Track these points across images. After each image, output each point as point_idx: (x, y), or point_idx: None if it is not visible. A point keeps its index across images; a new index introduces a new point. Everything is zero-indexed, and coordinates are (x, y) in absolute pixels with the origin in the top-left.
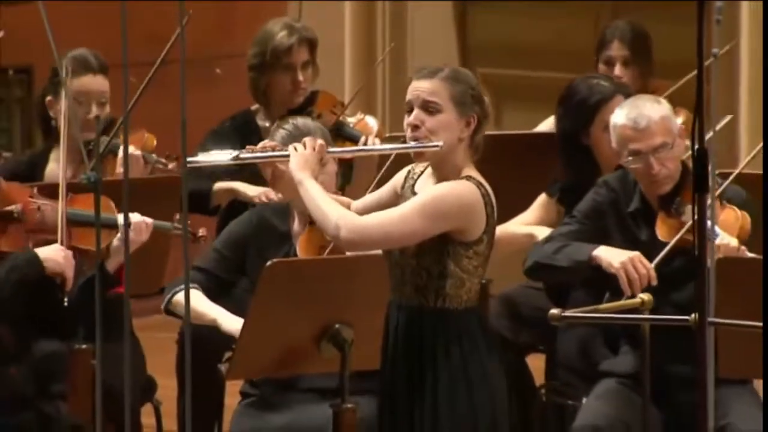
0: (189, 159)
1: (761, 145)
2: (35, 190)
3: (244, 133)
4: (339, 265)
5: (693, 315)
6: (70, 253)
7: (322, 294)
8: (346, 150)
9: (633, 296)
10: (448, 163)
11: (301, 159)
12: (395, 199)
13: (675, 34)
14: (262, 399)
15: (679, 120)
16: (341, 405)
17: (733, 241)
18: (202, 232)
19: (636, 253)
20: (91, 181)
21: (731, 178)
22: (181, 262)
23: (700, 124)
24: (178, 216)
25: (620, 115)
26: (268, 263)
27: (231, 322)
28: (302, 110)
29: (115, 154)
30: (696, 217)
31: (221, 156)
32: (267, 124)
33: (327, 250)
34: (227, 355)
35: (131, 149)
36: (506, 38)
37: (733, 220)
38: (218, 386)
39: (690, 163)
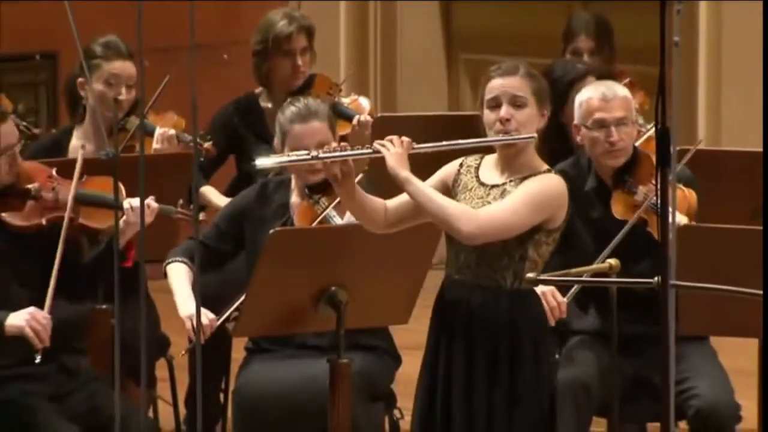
0: (261, 160)
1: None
2: (54, 170)
3: (248, 114)
4: (335, 233)
5: (656, 278)
6: (40, 314)
7: (320, 259)
8: (434, 145)
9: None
10: (524, 153)
11: (397, 158)
12: (444, 191)
13: (639, 23)
14: (266, 354)
15: (636, 100)
16: (337, 360)
17: (684, 219)
18: (202, 216)
19: (550, 288)
20: (109, 157)
21: (687, 157)
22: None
23: (662, 104)
24: (181, 201)
25: (588, 91)
26: (271, 231)
27: (183, 308)
28: (301, 92)
29: (148, 134)
30: (659, 187)
31: (300, 156)
32: (270, 105)
33: (317, 221)
34: (234, 314)
35: (166, 130)
36: (486, 27)
37: (681, 200)
38: (226, 343)
39: (639, 148)
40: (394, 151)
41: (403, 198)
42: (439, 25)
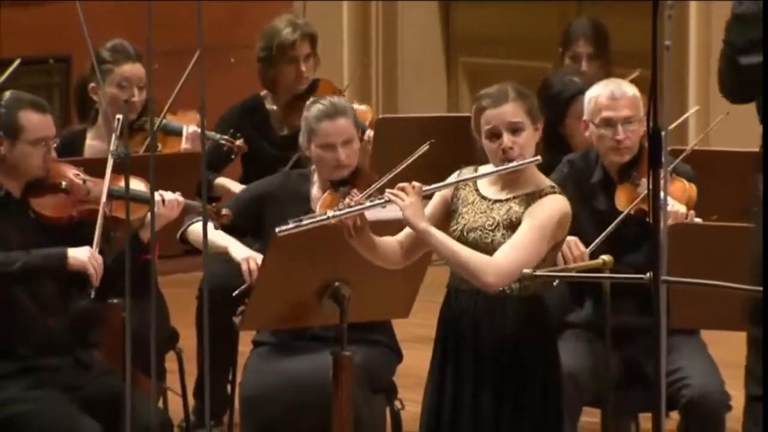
0: (281, 228)
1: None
2: (82, 168)
3: (254, 115)
4: (339, 231)
5: (648, 274)
6: (98, 256)
7: (324, 257)
8: (443, 184)
9: (612, 241)
10: (526, 169)
11: (414, 209)
12: (445, 209)
13: (631, 27)
14: (272, 347)
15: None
16: (340, 352)
17: (682, 208)
18: (225, 211)
19: (573, 238)
20: (121, 156)
21: (683, 154)
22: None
23: (654, 106)
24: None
25: (598, 88)
26: (275, 232)
27: (240, 251)
28: (305, 96)
29: (170, 133)
30: (651, 187)
31: (317, 218)
32: (275, 107)
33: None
34: (241, 308)
35: (195, 129)
36: (484, 31)
37: (682, 191)
38: (233, 336)
39: (645, 145)
40: (408, 201)
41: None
42: (439, 31)
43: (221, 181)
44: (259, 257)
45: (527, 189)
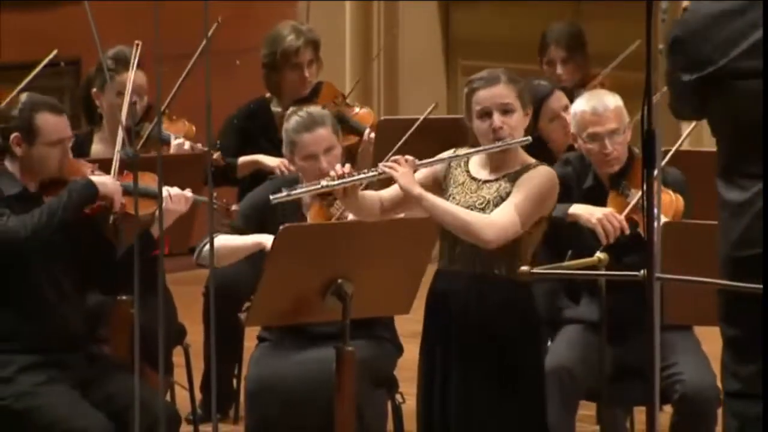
0: (275, 196)
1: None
2: (96, 165)
3: (259, 117)
4: (341, 229)
5: (642, 271)
6: (118, 183)
7: (327, 254)
8: (435, 159)
9: (609, 244)
10: (511, 150)
11: (407, 177)
12: (433, 183)
13: (623, 30)
14: (276, 342)
15: None
16: (343, 347)
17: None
18: (234, 207)
19: (609, 209)
20: (129, 156)
21: (667, 157)
22: (206, 226)
23: (648, 109)
24: (216, 194)
25: (581, 103)
26: (281, 228)
27: (258, 238)
28: (309, 100)
29: (164, 142)
30: (645, 189)
31: (312, 186)
32: (279, 110)
33: (335, 218)
34: (246, 305)
35: (181, 142)
36: (483, 34)
37: (669, 204)
38: (238, 332)
39: (635, 151)
40: (402, 171)
41: (396, 190)
42: (439, 34)
43: (260, 157)
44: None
45: (515, 167)
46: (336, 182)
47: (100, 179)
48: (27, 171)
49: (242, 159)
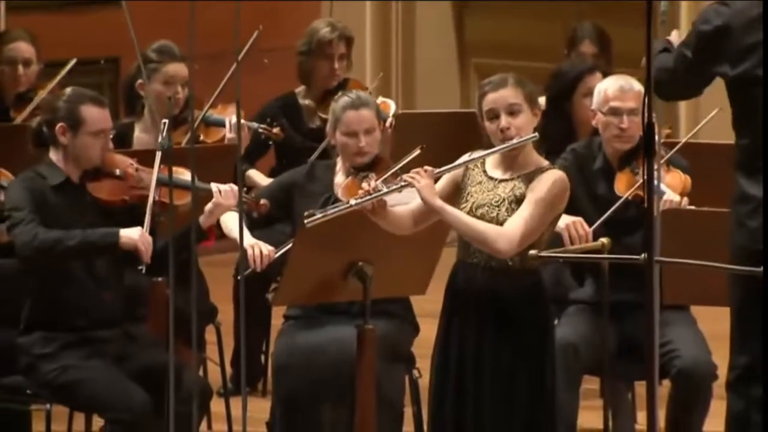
0: (309, 220)
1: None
2: (135, 159)
3: (288, 109)
4: (362, 215)
5: (643, 255)
6: (148, 236)
7: (349, 239)
8: (451, 166)
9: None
10: (524, 151)
11: (428, 189)
12: (454, 189)
13: (625, 33)
14: (301, 321)
15: None
16: (364, 326)
17: (677, 197)
18: (263, 201)
19: (578, 219)
20: (164, 148)
21: (678, 146)
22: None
23: (648, 103)
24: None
25: (608, 81)
26: (303, 222)
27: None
28: (336, 92)
29: (212, 125)
30: (646, 175)
31: (341, 207)
32: (307, 102)
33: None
34: (273, 286)
35: (234, 118)
36: (495, 35)
37: (678, 181)
38: (266, 311)
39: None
40: (423, 183)
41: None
42: (453, 34)
43: (252, 173)
44: (263, 245)
45: (528, 169)
46: (363, 199)
47: (126, 233)
48: (71, 160)
49: (249, 173)
